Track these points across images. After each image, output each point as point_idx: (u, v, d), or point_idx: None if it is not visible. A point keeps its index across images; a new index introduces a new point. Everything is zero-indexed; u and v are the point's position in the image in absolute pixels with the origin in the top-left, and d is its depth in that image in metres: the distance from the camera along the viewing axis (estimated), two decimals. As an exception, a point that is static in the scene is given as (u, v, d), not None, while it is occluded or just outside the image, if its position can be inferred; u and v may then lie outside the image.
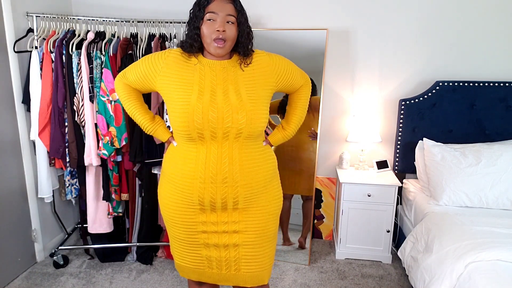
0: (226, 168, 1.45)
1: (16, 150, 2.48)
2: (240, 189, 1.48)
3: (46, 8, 2.63)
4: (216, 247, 1.56)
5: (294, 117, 1.69)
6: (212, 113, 1.40)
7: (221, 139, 1.43)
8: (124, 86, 1.62)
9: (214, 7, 1.38)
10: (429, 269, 1.95)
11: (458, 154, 2.48)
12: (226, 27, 1.39)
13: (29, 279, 2.49)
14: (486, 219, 2.14)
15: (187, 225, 1.54)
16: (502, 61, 2.72)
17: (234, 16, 1.40)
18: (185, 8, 1.36)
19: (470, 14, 2.66)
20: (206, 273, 1.62)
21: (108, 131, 2.38)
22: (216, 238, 1.54)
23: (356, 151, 2.92)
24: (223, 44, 1.40)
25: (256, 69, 1.50)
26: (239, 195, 1.48)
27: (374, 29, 2.76)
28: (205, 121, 1.40)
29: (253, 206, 1.53)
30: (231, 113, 1.40)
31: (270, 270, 1.65)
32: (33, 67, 2.40)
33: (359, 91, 2.88)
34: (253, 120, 1.42)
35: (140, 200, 2.65)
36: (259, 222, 1.55)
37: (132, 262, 2.70)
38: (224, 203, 1.48)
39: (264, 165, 1.55)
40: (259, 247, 1.57)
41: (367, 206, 2.64)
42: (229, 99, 1.42)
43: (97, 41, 2.42)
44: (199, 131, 1.41)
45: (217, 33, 1.38)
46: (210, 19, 1.38)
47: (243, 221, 1.53)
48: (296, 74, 1.61)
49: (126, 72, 1.60)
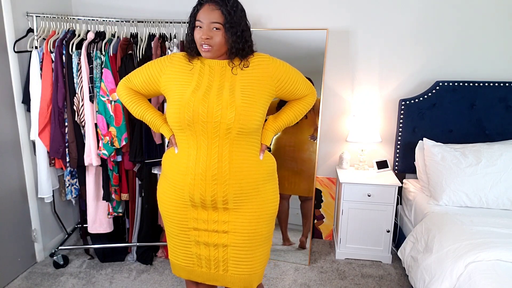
0: (215, 165, 1.48)
1: (16, 150, 2.48)
2: (230, 187, 1.50)
3: (46, 8, 2.63)
4: (206, 246, 1.59)
5: (284, 115, 1.69)
6: (202, 107, 1.45)
7: (212, 134, 1.47)
8: (128, 91, 1.65)
9: (201, 15, 1.45)
10: (429, 269, 1.95)
11: (458, 154, 2.48)
12: (212, 33, 1.45)
13: (29, 279, 2.49)
14: (486, 219, 2.14)
15: (180, 220, 1.59)
16: (502, 61, 2.72)
17: (220, 22, 1.44)
18: (185, 8, 1.37)
19: (470, 14, 2.66)
20: (196, 272, 1.65)
21: (108, 131, 2.38)
22: (206, 237, 1.58)
23: (356, 151, 2.92)
24: (209, 48, 1.47)
25: (255, 71, 1.53)
26: (228, 194, 1.51)
27: (374, 29, 2.76)
28: (195, 114, 1.45)
29: (244, 208, 1.54)
30: (220, 108, 1.45)
31: (260, 274, 1.65)
32: (33, 67, 2.40)
33: (359, 91, 2.88)
34: (242, 118, 1.45)
35: (140, 200, 2.66)
36: (249, 225, 1.56)
37: (132, 262, 2.70)
38: (213, 201, 1.51)
39: (257, 167, 1.56)
40: (248, 249, 1.58)
41: (367, 206, 2.64)
42: (221, 96, 1.47)
43: (97, 41, 2.42)
44: (189, 123, 1.46)
45: (201, 39, 1.46)
46: (198, 26, 1.46)
47: (233, 222, 1.55)
48: (300, 83, 1.62)
49: (131, 76, 1.64)
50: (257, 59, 1.55)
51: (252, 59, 1.54)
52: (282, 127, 1.68)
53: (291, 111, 1.68)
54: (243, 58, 1.52)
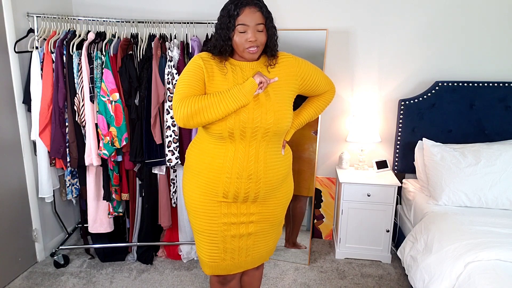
0: (252, 165, 1.53)
1: (16, 150, 2.49)
2: (263, 184, 1.57)
3: (47, 9, 2.63)
4: (233, 238, 1.65)
5: (305, 111, 1.76)
6: (244, 114, 1.47)
7: (250, 138, 1.50)
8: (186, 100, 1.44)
9: (245, 18, 1.44)
10: (428, 269, 1.96)
11: (457, 154, 2.48)
12: (257, 35, 1.47)
13: (30, 279, 2.50)
14: (485, 219, 2.15)
15: (209, 216, 1.61)
16: (501, 61, 2.72)
17: (263, 23, 1.47)
18: (185, 8, 1.38)
19: (470, 14, 2.67)
20: (220, 266, 1.69)
21: (108, 131, 2.39)
22: (236, 229, 1.64)
23: (356, 151, 2.93)
24: (256, 50, 1.49)
25: (282, 70, 1.58)
26: (261, 190, 1.58)
27: (374, 29, 2.77)
28: (237, 121, 1.46)
29: (270, 199, 1.64)
30: (260, 113, 1.48)
31: (273, 249, 1.81)
32: (34, 68, 2.40)
33: (359, 91, 2.89)
34: (280, 120, 1.50)
35: (140, 200, 2.66)
36: (273, 213, 1.68)
37: (133, 262, 2.71)
38: (246, 196, 1.58)
39: (284, 161, 1.65)
40: (268, 233, 1.72)
41: (366, 206, 2.65)
42: (258, 99, 1.50)
43: (97, 42, 2.43)
44: (230, 131, 1.47)
45: (250, 43, 1.46)
46: (242, 31, 1.45)
47: (260, 213, 1.65)
48: (321, 80, 1.68)
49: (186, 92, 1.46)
50: (282, 59, 1.60)
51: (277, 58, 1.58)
52: (304, 123, 1.76)
53: (312, 108, 1.75)
54: (272, 57, 1.56)
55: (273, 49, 1.55)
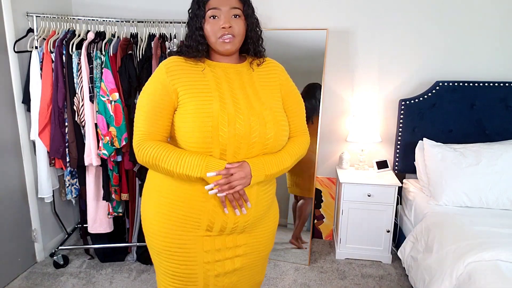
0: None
1: (16, 150, 2.48)
2: (253, 212, 1.33)
3: (46, 8, 2.63)
4: (217, 277, 1.36)
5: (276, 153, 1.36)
6: (239, 126, 1.20)
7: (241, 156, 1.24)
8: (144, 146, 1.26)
9: (216, 2, 1.21)
10: (429, 269, 1.95)
11: (458, 154, 2.48)
12: (232, 22, 1.22)
13: (29, 279, 2.49)
14: (486, 219, 2.14)
15: (187, 256, 1.31)
16: (502, 61, 2.72)
17: (240, 8, 1.24)
18: (185, 8, 1.34)
19: (470, 14, 2.66)
20: None
21: (108, 131, 2.38)
22: (220, 267, 1.35)
23: (356, 151, 2.92)
24: (231, 39, 1.23)
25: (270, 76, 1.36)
26: (251, 219, 1.33)
27: (374, 29, 2.76)
28: (231, 135, 1.20)
29: (258, 227, 1.40)
30: (258, 126, 1.23)
31: (260, 284, 1.56)
32: (33, 67, 2.40)
33: (359, 91, 2.88)
34: (280, 132, 1.27)
35: (140, 200, 2.66)
36: (261, 243, 1.44)
37: (132, 262, 2.70)
38: (234, 227, 1.32)
39: (271, 185, 1.42)
40: (256, 266, 1.47)
41: (367, 206, 2.64)
42: (252, 108, 1.25)
43: (97, 41, 2.42)
44: (223, 147, 1.20)
45: (223, 30, 1.21)
46: (213, 15, 1.22)
47: (246, 244, 1.39)
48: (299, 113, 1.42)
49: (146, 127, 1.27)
50: (270, 64, 1.38)
51: (265, 63, 1.37)
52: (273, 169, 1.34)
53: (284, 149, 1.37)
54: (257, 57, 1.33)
55: (256, 43, 1.29)
